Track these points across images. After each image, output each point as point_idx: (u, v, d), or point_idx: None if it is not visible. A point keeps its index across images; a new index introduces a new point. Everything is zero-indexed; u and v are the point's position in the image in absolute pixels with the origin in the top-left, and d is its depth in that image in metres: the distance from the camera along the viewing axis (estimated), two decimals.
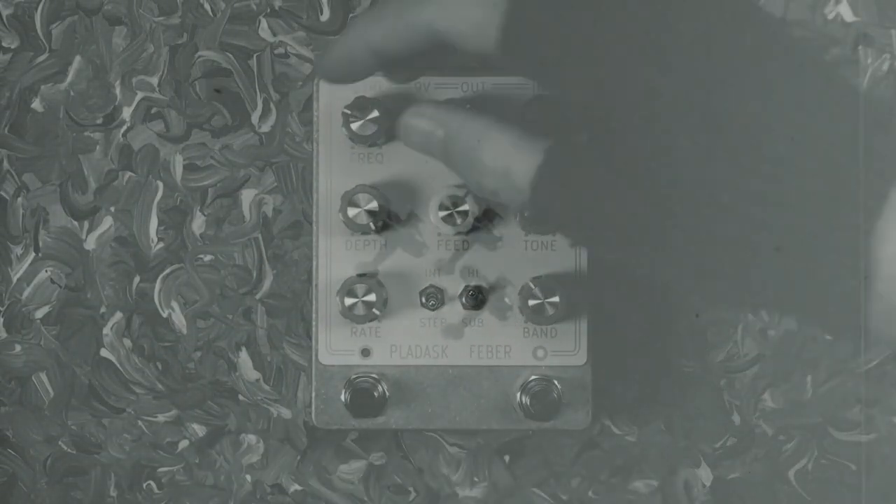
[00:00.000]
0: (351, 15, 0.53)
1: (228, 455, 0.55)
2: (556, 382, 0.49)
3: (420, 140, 0.44)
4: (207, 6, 0.54)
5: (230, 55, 0.54)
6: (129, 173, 0.54)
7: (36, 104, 0.54)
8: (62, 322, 0.54)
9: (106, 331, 0.54)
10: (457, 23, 0.41)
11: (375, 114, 0.47)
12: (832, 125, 0.38)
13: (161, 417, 0.55)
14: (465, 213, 0.48)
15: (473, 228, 0.49)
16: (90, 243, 0.54)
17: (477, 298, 0.49)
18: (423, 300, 0.49)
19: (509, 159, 0.41)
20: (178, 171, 0.54)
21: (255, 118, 0.54)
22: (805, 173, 0.37)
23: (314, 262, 0.49)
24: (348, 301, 0.48)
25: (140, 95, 0.54)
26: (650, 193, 0.38)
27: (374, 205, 0.48)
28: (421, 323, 0.49)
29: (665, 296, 0.54)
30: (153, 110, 0.54)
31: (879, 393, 0.54)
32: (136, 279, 0.54)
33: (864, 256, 0.37)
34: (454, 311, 0.49)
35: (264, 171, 0.54)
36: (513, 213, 0.48)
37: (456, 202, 0.48)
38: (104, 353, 0.54)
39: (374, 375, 0.49)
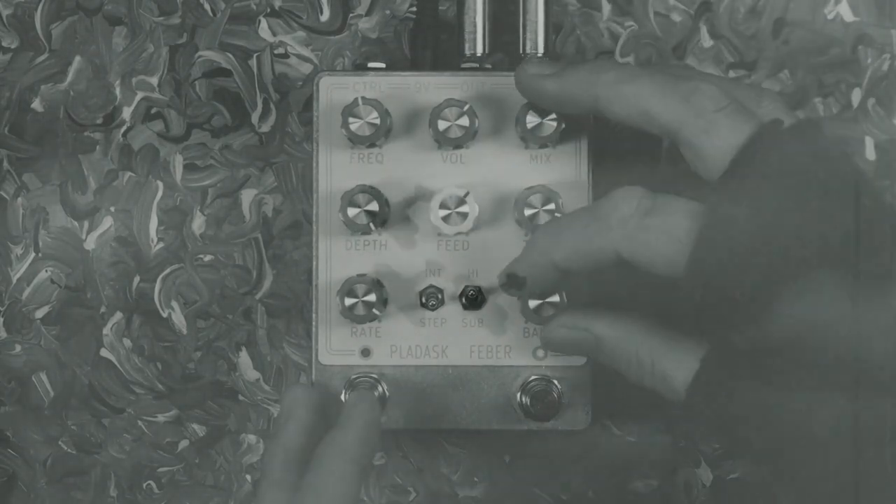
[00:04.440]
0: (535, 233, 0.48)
1: (228, 455, 0.55)
2: (556, 382, 0.49)
3: (571, 348, 0.46)
4: (207, 6, 0.54)
5: (230, 55, 0.54)
6: (129, 173, 0.54)
7: (36, 104, 0.54)
8: (62, 322, 0.54)
9: (106, 331, 0.54)
10: (642, 251, 0.42)
11: (375, 115, 0.47)
12: None
13: (161, 417, 0.55)
14: (465, 213, 0.48)
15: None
16: (90, 243, 0.54)
17: (477, 298, 0.49)
18: (423, 300, 0.49)
19: (667, 364, 0.43)
20: (178, 171, 0.54)
21: (255, 118, 0.54)
22: None
23: (314, 262, 0.49)
24: (348, 301, 0.48)
25: (140, 95, 0.54)
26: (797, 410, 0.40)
27: (374, 205, 0.48)
28: (421, 323, 0.49)
29: None
30: (153, 110, 0.54)
31: None
32: (136, 279, 0.54)
33: None
34: (454, 311, 0.49)
35: (264, 171, 0.54)
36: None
37: (456, 202, 0.48)
38: (104, 353, 0.54)
39: (373, 375, 0.49)
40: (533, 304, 0.48)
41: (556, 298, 0.48)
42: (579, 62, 0.48)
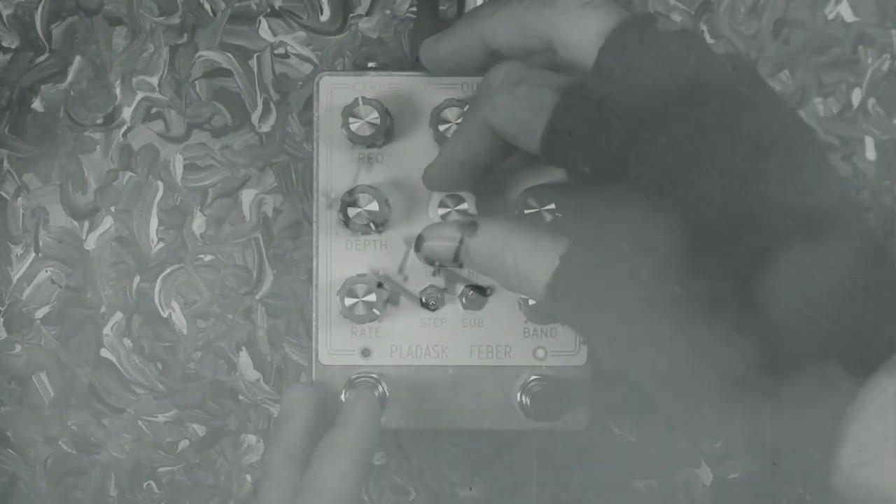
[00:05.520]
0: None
1: (228, 455, 0.55)
2: (556, 382, 0.49)
3: (444, 259, 0.45)
4: (207, 6, 0.54)
5: (230, 55, 0.54)
6: (129, 173, 0.54)
7: (36, 104, 0.54)
8: (62, 322, 0.54)
9: (106, 331, 0.54)
10: (506, 119, 0.42)
11: (375, 115, 0.47)
12: None
13: (161, 417, 0.55)
14: (465, 212, 0.48)
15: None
16: (90, 243, 0.54)
17: (477, 298, 0.49)
18: (423, 300, 0.49)
19: (528, 266, 0.42)
20: (178, 171, 0.54)
21: (255, 118, 0.54)
22: None
23: (314, 262, 0.49)
24: (348, 301, 0.48)
25: (140, 95, 0.54)
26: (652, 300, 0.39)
27: (374, 205, 0.48)
28: (421, 323, 0.49)
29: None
30: (153, 110, 0.54)
31: None
32: (137, 279, 0.54)
33: None
34: (454, 311, 0.49)
35: (264, 171, 0.54)
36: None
37: (456, 201, 0.48)
38: (104, 353, 0.54)
39: (373, 375, 0.49)
40: (533, 303, 0.48)
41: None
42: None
